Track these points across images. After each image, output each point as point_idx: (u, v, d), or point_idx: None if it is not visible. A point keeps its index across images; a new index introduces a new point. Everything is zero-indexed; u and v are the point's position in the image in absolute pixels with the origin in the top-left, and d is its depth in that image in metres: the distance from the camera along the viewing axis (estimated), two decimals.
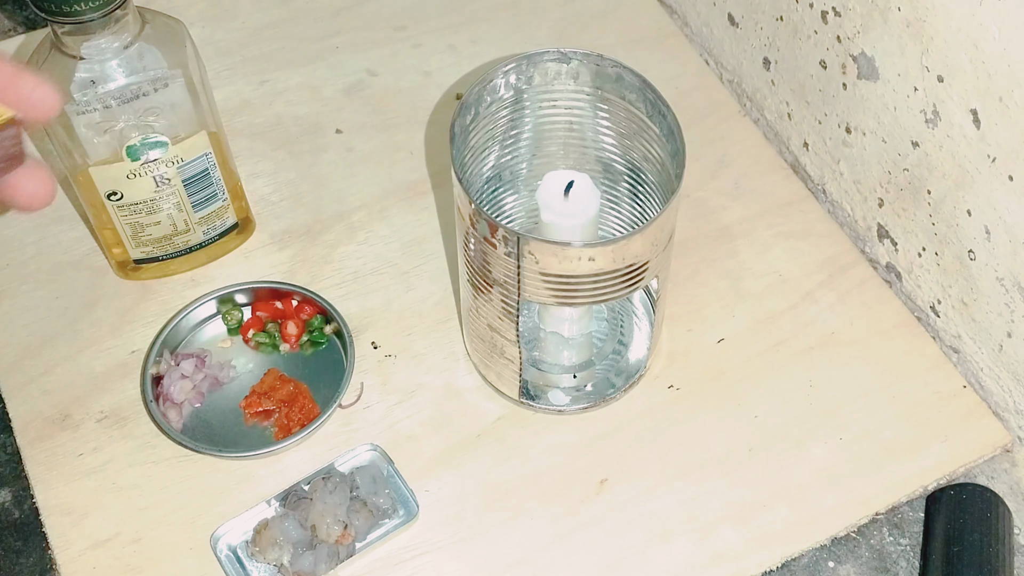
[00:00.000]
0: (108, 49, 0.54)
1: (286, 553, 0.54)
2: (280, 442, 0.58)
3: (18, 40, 0.77)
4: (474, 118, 0.54)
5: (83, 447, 0.59)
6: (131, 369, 0.62)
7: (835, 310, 0.65)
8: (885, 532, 0.59)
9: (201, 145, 0.59)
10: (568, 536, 0.56)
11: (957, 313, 0.62)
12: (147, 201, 0.60)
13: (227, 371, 0.61)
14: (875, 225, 0.67)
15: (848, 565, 0.57)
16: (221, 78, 0.75)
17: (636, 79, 0.54)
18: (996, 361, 0.60)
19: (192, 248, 0.64)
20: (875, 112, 0.63)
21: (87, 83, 0.54)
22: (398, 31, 0.78)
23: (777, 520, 0.57)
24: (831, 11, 0.63)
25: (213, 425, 0.59)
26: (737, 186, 0.70)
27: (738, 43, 0.74)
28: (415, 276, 0.66)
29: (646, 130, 0.55)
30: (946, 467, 0.59)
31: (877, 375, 0.62)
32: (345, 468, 0.58)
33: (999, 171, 0.55)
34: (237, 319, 0.63)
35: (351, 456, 0.58)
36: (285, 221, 0.68)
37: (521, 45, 0.77)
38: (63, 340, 0.63)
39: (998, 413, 0.61)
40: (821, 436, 0.60)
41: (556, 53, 0.54)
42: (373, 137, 0.73)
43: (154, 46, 0.55)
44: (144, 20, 0.55)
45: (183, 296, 0.64)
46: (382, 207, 0.69)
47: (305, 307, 0.63)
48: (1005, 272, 0.57)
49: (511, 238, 0.49)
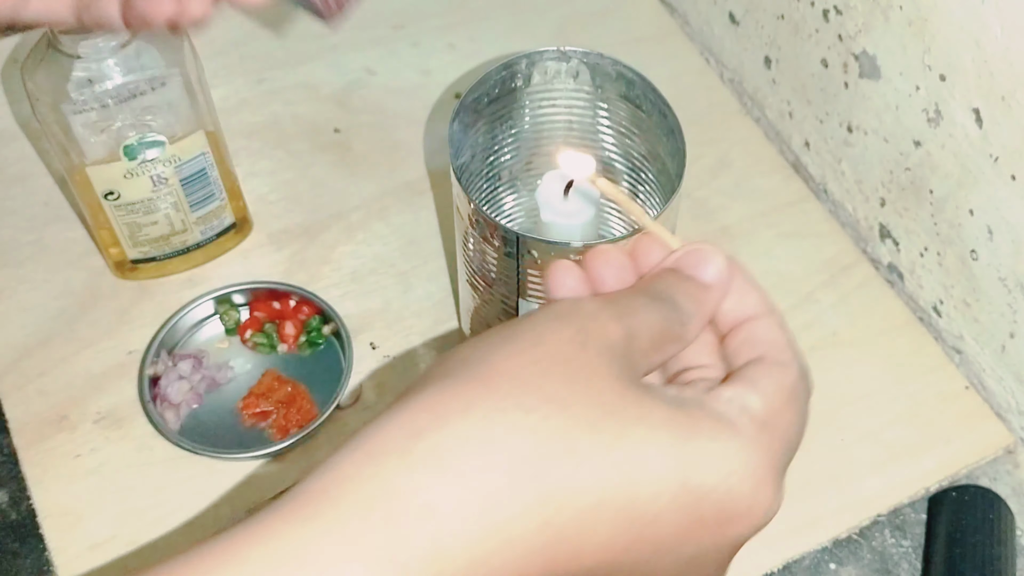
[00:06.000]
0: (105, 48, 0.53)
1: None
2: (278, 443, 0.58)
3: (15, 39, 0.77)
4: (473, 117, 0.54)
5: (80, 448, 0.59)
6: (128, 370, 0.61)
7: (836, 310, 0.65)
8: (887, 534, 0.59)
9: (198, 144, 0.59)
10: None
11: (959, 313, 0.62)
12: (144, 201, 0.60)
13: (225, 372, 0.61)
14: (877, 225, 0.66)
15: (850, 567, 0.57)
16: (219, 77, 0.74)
17: (636, 78, 0.53)
18: (998, 362, 0.60)
19: (189, 248, 0.64)
20: (877, 111, 0.62)
21: (84, 82, 0.54)
22: (397, 30, 0.78)
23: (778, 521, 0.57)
24: (832, 9, 0.63)
25: (211, 426, 0.59)
26: (738, 186, 0.70)
27: (739, 42, 0.74)
28: (414, 276, 0.66)
29: (646, 129, 0.55)
30: (948, 468, 0.59)
31: (879, 376, 0.62)
32: None
33: (1001, 171, 0.55)
34: (235, 319, 0.63)
35: None
36: (283, 221, 0.68)
37: (521, 44, 0.77)
38: (60, 341, 0.62)
39: (1000, 414, 0.61)
40: (822, 437, 0.60)
41: (556, 52, 0.54)
42: (371, 136, 0.72)
43: (151, 45, 0.55)
44: None
45: (180, 296, 0.64)
46: (381, 207, 0.69)
47: (303, 307, 0.63)
48: (1008, 272, 0.57)
49: (511, 238, 0.49)
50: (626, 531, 0.29)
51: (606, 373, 0.30)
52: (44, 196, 0.69)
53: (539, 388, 0.29)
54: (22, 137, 0.71)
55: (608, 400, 0.30)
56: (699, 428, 0.30)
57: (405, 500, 0.27)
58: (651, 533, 0.30)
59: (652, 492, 0.29)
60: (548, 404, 0.29)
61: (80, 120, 0.55)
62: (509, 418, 0.28)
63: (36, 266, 0.66)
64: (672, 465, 0.30)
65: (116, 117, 0.55)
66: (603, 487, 0.29)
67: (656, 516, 0.30)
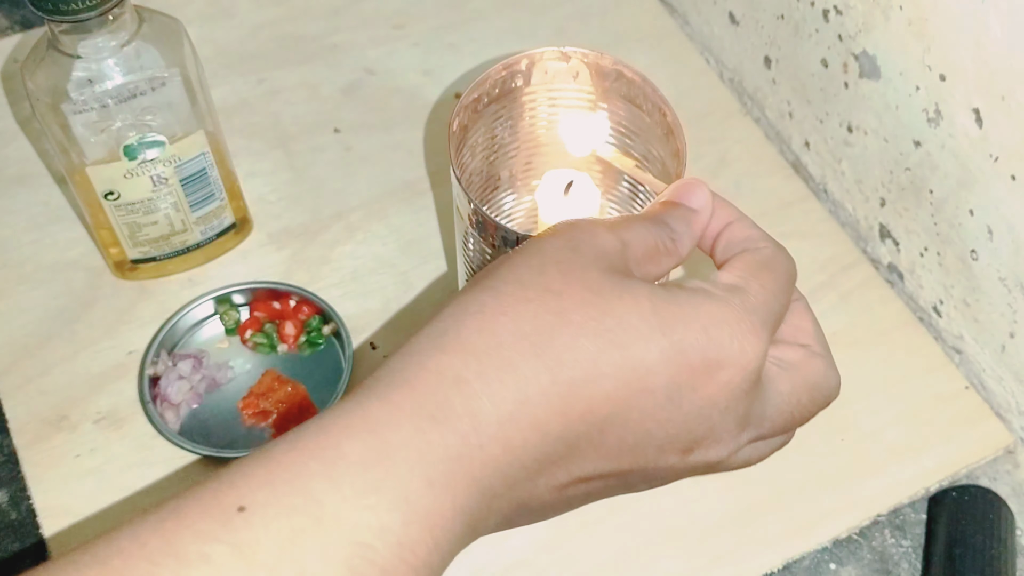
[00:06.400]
0: (105, 48, 0.53)
1: None
2: None
3: (15, 39, 0.77)
4: (473, 117, 0.54)
5: (80, 448, 0.59)
6: (128, 370, 0.61)
7: (836, 310, 0.65)
8: (887, 534, 0.59)
9: (198, 144, 0.59)
10: (568, 537, 0.56)
11: (959, 313, 0.62)
12: (144, 201, 0.60)
13: (225, 372, 0.61)
14: (877, 225, 0.66)
15: (850, 567, 0.57)
16: (218, 77, 0.74)
17: (636, 77, 0.53)
18: (998, 362, 0.60)
19: (189, 248, 0.64)
20: (877, 111, 0.62)
21: (84, 82, 0.54)
22: (397, 29, 0.78)
23: (778, 522, 0.57)
24: (832, 9, 0.63)
25: (211, 426, 0.59)
26: (738, 186, 0.70)
27: (739, 41, 0.74)
28: (414, 276, 0.66)
29: (646, 129, 0.55)
30: (948, 468, 0.59)
31: (879, 376, 0.62)
32: None
33: (1001, 170, 0.55)
34: (235, 319, 0.63)
35: None
36: (283, 221, 0.68)
37: (521, 43, 0.77)
38: (60, 341, 0.62)
39: (1000, 414, 0.61)
40: (822, 437, 0.60)
41: (556, 51, 0.54)
42: (371, 136, 0.72)
43: (151, 45, 0.55)
44: (141, 19, 0.55)
45: (180, 296, 0.64)
46: (381, 207, 0.69)
47: (303, 307, 0.63)
48: (1008, 272, 0.57)
49: (511, 238, 0.49)
50: (626, 382, 0.34)
51: (595, 268, 0.36)
52: (44, 196, 0.69)
53: (537, 284, 0.35)
54: (22, 137, 0.71)
55: (597, 286, 0.35)
56: (676, 297, 0.36)
57: (440, 375, 0.33)
58: (649, 383, 0.35)
59: (642, 348, 0.34)
60: (545, 294, 0.35)
61: (80, 120, 0.55)
62: (514, 310, 0.34)
63: (36, 266, 0.66)
64: (656, 323, 0.35)
65: (116, 117, 0.55)
66: (598, 347, 0.34)
67: (650, 368, 0.34)
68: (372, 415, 0.32)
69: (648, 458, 0.36)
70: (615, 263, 0.37)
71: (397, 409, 0.32)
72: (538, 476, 0.35)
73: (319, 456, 0.31)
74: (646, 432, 0.35)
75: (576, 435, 0.34)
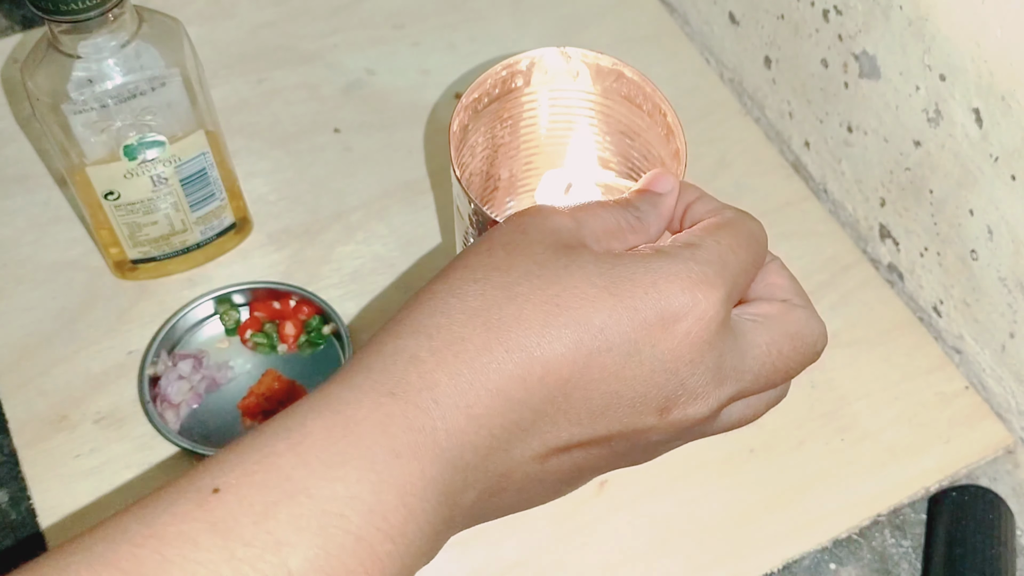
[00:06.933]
0: (105, 48, 0.53)
1: None
2: None
3: (15, 39, 0.77)
4: (473, 117, 0.54)
5: (80, 448, 0.59)
6: (128, 370, 0.61)
7: (836, 310, 0.65)
8: (887, 534, 0.59)
9: (198, 144, 0.59)
10: (568, 537, 0.56)
11: (959, 313, 0.62)
12: (144, 201, 0.60)
13: (225, 372, 0.61)
14: (877, 225, 0.66)
15: (850, 567, 0.57)
16: (218, 77, 0.74)
17: (636, 77, 0.53)
18: (998, 362, 0.60)
19: (189, 248, 0.64)
20: (877, 111, 0.62)
21: (84, 82, 0.54)
22: (397, 29, 0.78)
23: (778, 522, 0.57)
24: (832, 9, 0.63)
25: (211, 426, 0.59)
26: (738, 186, 0.70)
27: (739, 41, 0.74)
28: (414, 276, 0.66)
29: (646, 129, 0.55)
30: (948, 468, 0.59)
31: (879, 376, 0.62)
32: None
33: (1001, 171, 0.55)
34: (235, 319, 0.63)
35: None
36: (283, 221, 0.68)
37: (520, 43, 0.77)
38: (60, 341, 0.62)
39: (1000, 414, 0.61)
40: (822, 437, 0.60)
41: (556, 51, 0.54)
42: (371, 136, 0.72)
43: (151, 45, 0.55)
44: (141, 19, 0.55)
45: (180, 296, 0.64)
46: (381, 207, 0.69)
47: (303, 307, 0.63)
48: (1007, 272, 0.57)
49: None
50: (578, 343, 0.35)
51: (541, 244, 0.37)
52: (44, 196, 0.69)
53: (484, 264, 0.37)
54: (22, 137, 0.71)
55: (543, 259, 0.36)
56: (624, 259, 0.37)
57: (396, 356, 0.35)
58: (603, 342, 0.35)
59: (589, 309, 0.35)
60: (492, 272, 0.36)
61: (80, 120, 0.55)
62: (462, 290, 0.36)
63: (36, 266, 0.66)
64: (603, 285, 0.36)
65: (116, 117, 0.55)
66: (546, 312, 0.35)
67: (601, 327, 0.35)
68: (333, 396, 0.34)
69: (624, 421, 0.37)
70: (565, 239, 0.37)
71: (357, 389, 0.34)
72: (510, 445, 0.35)
73: (285, 437, 0.33)
74: (613, 393, 0.36)
75: (540, 399, 0.35)
